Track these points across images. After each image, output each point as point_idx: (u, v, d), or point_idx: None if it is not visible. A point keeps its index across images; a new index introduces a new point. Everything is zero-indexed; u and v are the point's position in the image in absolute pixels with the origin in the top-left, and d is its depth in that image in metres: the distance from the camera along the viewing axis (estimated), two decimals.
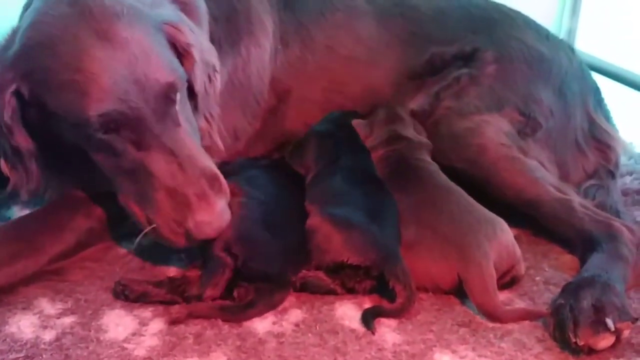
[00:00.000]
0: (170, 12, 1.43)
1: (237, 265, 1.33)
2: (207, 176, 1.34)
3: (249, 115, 1.81)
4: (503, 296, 1.42)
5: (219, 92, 1.59)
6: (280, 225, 1.43)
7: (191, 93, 1.46)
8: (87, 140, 1.32)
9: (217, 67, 1.55)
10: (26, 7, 1.47)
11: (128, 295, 1.36)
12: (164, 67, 1.31)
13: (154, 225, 1.34)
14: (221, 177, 1.38)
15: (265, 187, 1.55)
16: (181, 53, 1.41)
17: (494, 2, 2.03)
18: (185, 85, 1.40)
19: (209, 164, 1.37)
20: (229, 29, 1.74)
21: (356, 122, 1.76)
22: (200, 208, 1.31)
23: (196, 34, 1.48)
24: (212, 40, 1.66)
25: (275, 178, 1.61)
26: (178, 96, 1.34)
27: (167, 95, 1.31)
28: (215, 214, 1.32)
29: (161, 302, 1.35)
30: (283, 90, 1.86)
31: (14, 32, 1.36)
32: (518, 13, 2.00)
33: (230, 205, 1.39)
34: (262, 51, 1.80)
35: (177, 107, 1.34)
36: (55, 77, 1.28)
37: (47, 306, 1.36)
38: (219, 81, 1.56)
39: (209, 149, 1.50)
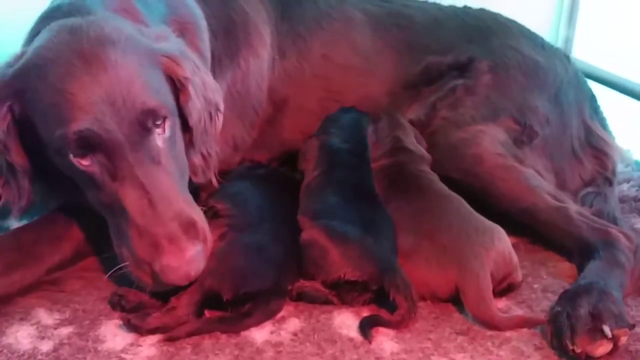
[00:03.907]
0: (173, 46, 1.40)
1: (228, 298, 1.31)
2: (181, 220, 1.28)
3: (248, 125, 1.82)
4: (501, 304, 1.43)
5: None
6: (269, 237, 1.43)
7: (187, 127, 1.42)
8: (70, 169, 1.30)
9: (221, 107, 1.51)
10: (31, 33, 1.47)
11: (124, 306, 1.36)
12: (145, 94, 1.27)
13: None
14: (200, 223, 1.31)
15: (250, 200, 1.55)
16: (178, 87, 1.38)
17: (489, 12, 2.05)
18: (176, 120, 1.36)
19: (187, 208, 1.31)
20: (228, 42, 1.75)
21: (369, 130, 1.76)
22: (169, 252, 1.25)
23: (200, 70, 1.46)
24: (213, 55, 1.67)
25: (266, 189, 1.62)
26: (162, 131, 1.30)
27: (142, 122, 1.27)
28: (184, 260, 1.25)
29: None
30: (280, 99, 1.87)
31: (22, 53, 1.36)
32: (513, 22, 2.02)
33: (212, 232, 1.38)
34: (260, 61, 1.81)
35: (160, 142, 1.30)
36: (41, 98, 1.28)
37: (45, 316, 1.36)
38: (220, 120, 1.51)
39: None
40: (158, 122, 1.29)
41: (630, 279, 1.48)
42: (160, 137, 1.30)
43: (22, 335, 1.31)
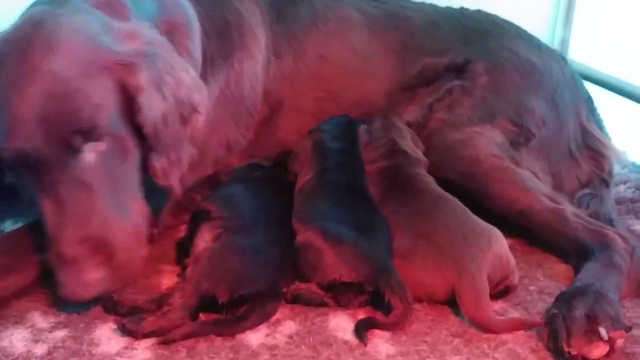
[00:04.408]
0: (138, 47, 1.34)
1: (224, 301, 1.31)
2: (91, 243, 1.27)
3: (242, 126, 1.81)
4: (497, 306, 1.42)
5: (199, 131, 1.49)
6: (265, 239, 1.43)
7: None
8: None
9: (200, 107, 1.45)
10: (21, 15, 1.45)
11: (118, 310, 1.35)
12: (78, 112, 1.24)
13: None
14: (117, 248, 1.29)
15: (245, 203, 1.54)
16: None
17: (486, 13, 2.05)
18: (121, 134, 1.31)
19: (107, 230, 1.28)
20: (222, 43, 1.74)
21: (361, 129, 1.75)
22: (66, 272, 1.27)
23: (175, 69, 1.40)
24: (205, 57, 1.66)
25: (261, 191, 1.61)
26: (95, 149, 1.27)
27: (71, 142, 1.24)
28: (78, 282, 1.26)
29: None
30: (276, 101, 1.86)
31: None
32: (510, 23, 2.02)
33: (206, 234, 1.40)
34: (255, 63, 1.80)
35: (92, 159, 1.27)
36: None
37: (39, 320, 1.36)
38: (198, 121, 1.46)
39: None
40: (90, 141, 1.27)
41: (626, 280, 1.48)
42: (92, 155, 1.27)
43: (16, 339, 1.30)
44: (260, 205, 1.55)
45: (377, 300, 1.37)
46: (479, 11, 2.05)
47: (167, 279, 1.49)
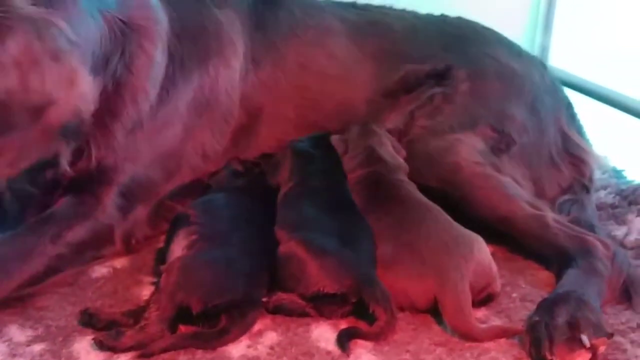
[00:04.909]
0: None
1: (197, 311, 1.29)
2: None
3: (218, 134, 1.80)
4: (480, 314, 1.42)
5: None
6: (239, 248, 1.41)
7: None
8: None
9: (60, 102, 1.37)
10: None
11: (95, 324, 1.33)
12: None
13: None
14: None
15: (223, 210, 1.53)
16: None
17: (467, 20, 2.06)
18: None
19: None
20: (195, 48, 1.73)
21: (334, 138, 1.76)
22: None
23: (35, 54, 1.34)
24: (173, 58, 1.66)
25: (242, 199, 1.60)
26: None
27: None
28: None
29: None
30: (255, 108, 1.85)
31: None
32: (491, 30, 2.03)
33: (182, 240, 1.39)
34: (231, 71, 1.79)
35: None
36: None
37: (17, 333, 1.33)
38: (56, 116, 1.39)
39: None
40: None
41: (608, 287, 1.48)
42: None
43: None
44: (239, 213, 1.54)
45: (360, 310, 1.36)
46: (459, 18, 2.06)
47: (147, 290, 1.47)
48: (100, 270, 1.54)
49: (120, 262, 1.58)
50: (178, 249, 1.44)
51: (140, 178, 1.64)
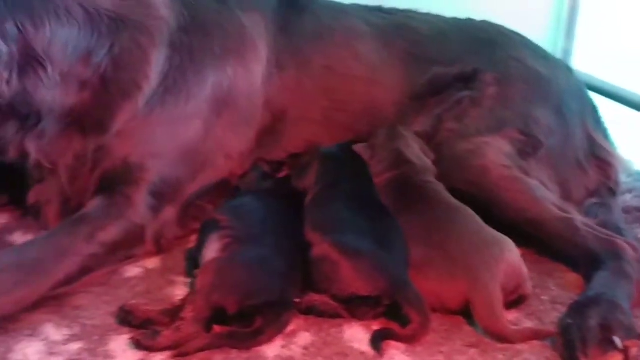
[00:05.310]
0: None
1: (233, 312, 1.31)
2: None
3: (240, 135, 1.81)
4: (511, 316, 1.42)
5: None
6: (273, 250, 1.43)
7: None
8: None
9: None
10: None
11: (131, 322, 1.35)
12: None
13: None
14: None
15: (253, 214, 1.55)
16: None
17: (493, 24, 2.06)
18: None
19: None
20: (209, 43, 1.74)
21: (357, 146, 1.77)
22: None
23: None
24: (177, 49, 1.68)
25: (270, 203, 1.61)
26: None
27: None
28: None
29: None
30: (280, 110, 1.87)
31: None
32: (516, 34, 2.04)
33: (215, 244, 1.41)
34: (252, 75, 1.81)
35: None
36: None
37: (53, 332, 1.35)
38: None
39: None
40: None
41: (637, 289, 1.49)
42: None
43: (31, 352, 1.29)
44: (269, 216, 1.55)
45: (392, 311, 1.37)
46: (485, 21, 2.06)
47: (180, 290, 1.49)
48: (133, 270, 1.56)
49: (152, 263, 1.60)
50: (211, 253, 1.45)
51: (167, 177, 1.66)
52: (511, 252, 1.44)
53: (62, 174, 1.63)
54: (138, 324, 1.35)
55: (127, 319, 1.36)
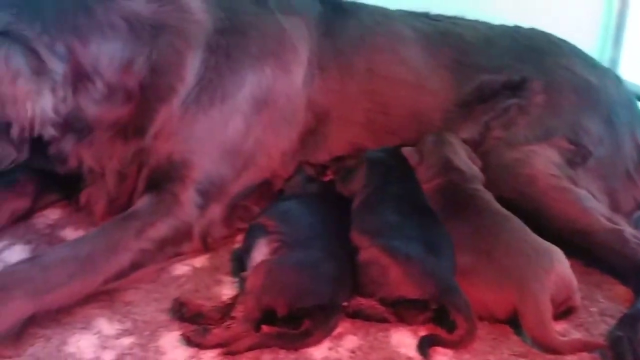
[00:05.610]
0: None
1: (283, 314, 1.32)
2: None
3: (281, 135, 1.83)
4: (559, 327, 1.41)
5: None
6: (322, 253, 1.43)
7: None
8: None
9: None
10: None
11: (184, 314, 1.37)
12: None
13: None
14: None
15: (301, 218, 1.56)
16: None
17: (541, 31, 2.05)
18: None
19: None
20: (246, 44, 1.76)
21: (405, 149, 1.77)
22: None
23: None
24: (214, 51, 1.71)
25: (316, 206, 1.62)
26: None
27: None
28: None
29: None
30: (322, 111, 1.88)
31: None
32: (565, 42, 2.02)
33: (264, 247, 1.43)
34: (292, 76, 1.83)
35: None
36: None
37: (105, 326, 1.38)
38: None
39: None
40: None
41: None
42: None
43: (84, 345, 1.32)
44: (316, 220, 1.56)
45: (439, 317, 1.37)
46: (533, 29, 2.05)
47: (227, 289, 1.51)
48: (181, 269, 1.58)
49: (199, 261, 1.62)
50: (260, 255, 1.47)
51: (211, 174, 1.68)
52: (561, 263, 1.43)
53: (109, 177, 1.68)
54: (189, 317, 1.37)
55: (180, 310, 1.38)
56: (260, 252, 1.48)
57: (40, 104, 1.48)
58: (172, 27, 1.66)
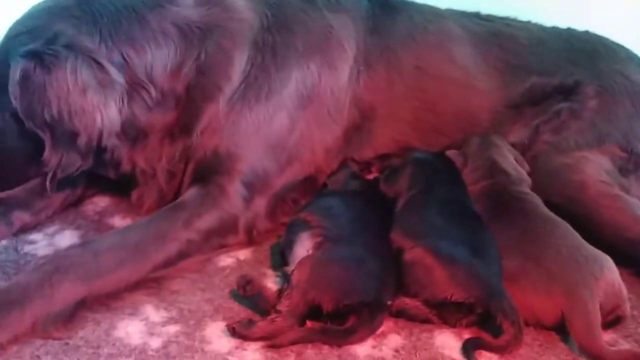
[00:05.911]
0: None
1: (329, 310, 1.32)
2: None
3: (325, 131, 1.83)
4: (606, 337, 1.38)
5: None
6: (366, 250, 1.43)
7: None
8: None
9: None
10: None
11: (248, 291, 1.39)
12: None
13: None
14: None
15: (343, 214, 1.56)
16: None
17: (595, 34, 2.02)
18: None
19: None
20: (292, 40, 1.77)
21: (450, 152, 1.76)
22: None
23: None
24: (260, 48, 1.72)
25: (358, 204, 1.62)
26: None
27: None
28: None
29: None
30: (368, 108, 1.88)
31: None
32: (620, 46, 1.98)
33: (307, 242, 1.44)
34: (337, 73, 1.83)
35: None
36: None
37: (153, 314, 1.40)
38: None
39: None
40: None
41: None
42: None
43: (132, 331, 1.35)
44: (357, 217, 1.56)
45: (484, 320, 1.36)
46: (587, 32, 2.02)
47: (271, 282, 1.52)
48: (226, 260, 1.60)
49: (243, 254, 1.64)
50: (303, 251, 1.47)
51: (256, 168, 1.70)
52: (611, 271, 1.40)
53: (159, 176, 1.71)
54: (251, 295, 1.39)
55: (245, 287, 1.39)
56: (303, 247, 1.49)
57: (109, 116, 1.53)
58: (219, 28, 1.68)
